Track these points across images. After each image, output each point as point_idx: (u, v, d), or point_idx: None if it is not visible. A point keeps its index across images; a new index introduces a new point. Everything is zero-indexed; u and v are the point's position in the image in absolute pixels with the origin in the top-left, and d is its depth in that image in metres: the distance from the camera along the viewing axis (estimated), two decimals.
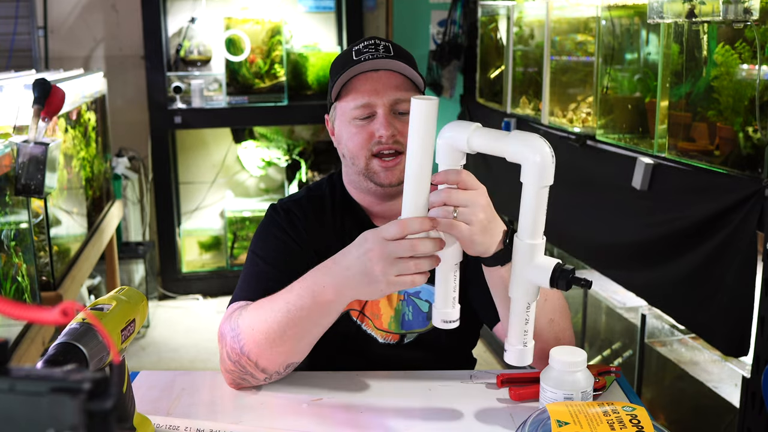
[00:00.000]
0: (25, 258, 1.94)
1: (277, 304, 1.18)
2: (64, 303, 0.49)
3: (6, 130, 2.03)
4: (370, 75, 1.31)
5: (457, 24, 3.75)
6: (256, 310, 1.21)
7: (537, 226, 1.04)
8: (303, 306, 1.15)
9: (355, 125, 1.32)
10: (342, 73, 1.30)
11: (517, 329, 1.10)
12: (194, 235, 4.34)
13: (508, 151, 1.03)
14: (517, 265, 1.07)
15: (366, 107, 1.30)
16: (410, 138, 1.05)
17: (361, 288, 1.09)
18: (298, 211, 1.40)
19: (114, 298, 1.00)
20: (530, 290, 1.07)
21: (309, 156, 4.32)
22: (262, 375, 1.24)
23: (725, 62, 1.74)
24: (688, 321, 1.93)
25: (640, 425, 0.95)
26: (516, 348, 1.11)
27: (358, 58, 1.30)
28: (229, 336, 1.22)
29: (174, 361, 3.42)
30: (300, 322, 1.16)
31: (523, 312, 1.10)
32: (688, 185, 1.87)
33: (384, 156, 1.31)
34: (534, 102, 2.90)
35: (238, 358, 1.21)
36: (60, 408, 0.43)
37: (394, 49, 1.33)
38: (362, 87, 1.30)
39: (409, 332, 1.41)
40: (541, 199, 1.03)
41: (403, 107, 1.31)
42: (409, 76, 1.33)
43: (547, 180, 1.02)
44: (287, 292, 1.18)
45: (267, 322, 1.18)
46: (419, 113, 1.03)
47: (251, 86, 4.02)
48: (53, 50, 4.04)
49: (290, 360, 1.23)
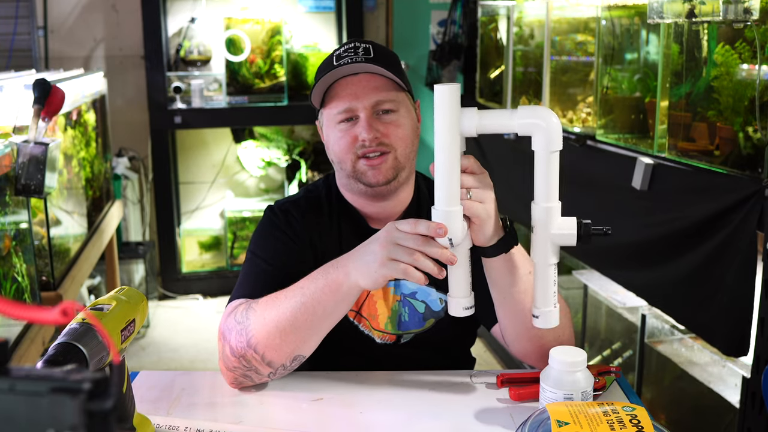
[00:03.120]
0: (25, 258, 1.94)
1: (290, 292, 1.21)
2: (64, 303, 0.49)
3: (6, 130, 2.03)
4: (350, 79, 1.32)
5: (457, 24, 3.75)
6: (268, 302, 1.23)
7: (551, 190, 1.09)
8: (316, 288, 1.19)
9: (340, 129, 1.33)
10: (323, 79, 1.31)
11: (544, 292, 1.13)
12: (194, 235, 4.34)
13: (516, 124, 1.08)
14: (538, 229, 1.11)
15: (347, 111, 1.32)
16: (437, 125, 1.07)
17: (361, 265, 1.14)
18: (296, 213, 1.40)
19: (114, 298, 1.00)
20: (553, 251, 1.12)
21: (309, 156, 4.32)
22: (267, 369, 1.24)
23: (725, 62, 1.74)
24: (688, 321, 1.93)
25: (640, 425, 0.95)
26: (545, 310, 1.14)
27: (337, 63, 1.31)
28: (234, 331, 1.23)
29: (174, 361, 3.42)
30: (312, 307, 1.18)
31: (548, 275, 1.13)
32: (688, 185, 1.87)
33: (370, 156, 1.32)
34: (534, 102, 2.90)
35: (244, 352, 1.22)
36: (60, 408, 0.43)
37: (375, 51, 1.33)
38: (342, 92, 1.32)
39: (405, 332, 1.41)
40: (553, 163, 1.08)
41: (385, 107, 1.32)
42: (388, 77, 1.33)
43: (556, 145, 1.07)
44: (303, 280, 1.22)
45: (279, 310, 1.20)
46: (443, 99, 1.06)
47: (251, 86, 4.03)
48: (53, 50, 4.04)
49: (298, 351, 1.23)
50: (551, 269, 1.13)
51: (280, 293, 1.23)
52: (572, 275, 2.69)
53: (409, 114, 1.36)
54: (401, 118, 1.34)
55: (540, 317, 1.15)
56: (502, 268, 1.21)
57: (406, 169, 1.36)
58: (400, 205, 1.42)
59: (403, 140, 1.34)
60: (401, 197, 1.41)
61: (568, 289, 2.81)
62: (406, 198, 1.42)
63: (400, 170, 1.35)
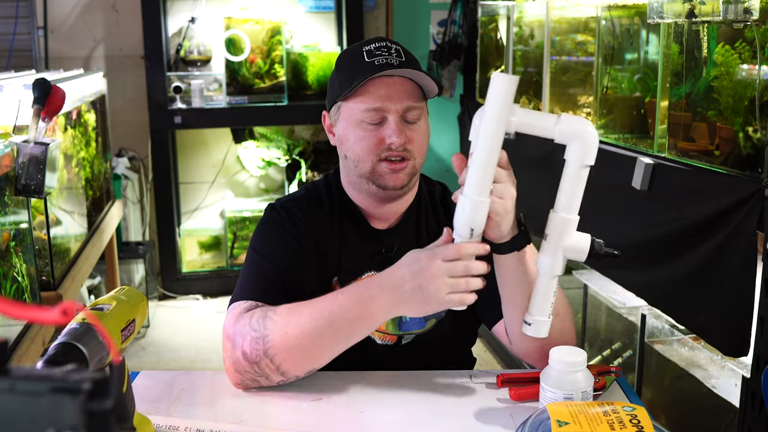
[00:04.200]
0: (25, 258, 1.94)
1: (316, 310, 1.19)
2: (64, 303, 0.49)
3: (6, 130, 2.03)
4: (385, 80, 1.29)
5: (457, 24, 3.75)
6: (291, 314, 1.20)
7: (573, 203, 1.10)
8: (348, 316, 1.17)
9: (363, 128, 1.31)
10: (353, 73, 1.29)
11: (542, 302, 1.14)
12: (194, 235, 4.34)
13: (558, 131, 1.07)
14: (552, 238, 1.11)
15: (377, 111, 1.29)
16: (488, 113, 1.05)
17: (414, 304, 1.14)
18: (297, 211, 1.39)
19: (114, 298, 1.00)
20: (561, 263, 1.12)
21: (309, 156, 4.32)
22: (278, 378, 1.23)
23: (725, 62, 1.74)
24: (688, 321, 1.92)
25: (640, 425, 0.95)
26: (539, 319, 1.14)
27: (371, 60, 1.28)
28: (249, 337, 1.21)
29: (174, 361, 3.42)
30: (340, 330, 1.18)
31: (551, 286, 1.13)
32: (688, 185, 1.87)
33: (392, 160, 1.31)
34: (534, 102, 2.90)
35: (259, 360, 1.20)
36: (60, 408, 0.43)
37: (405, 54, 1.32)
38: (376, 91, 1.29)
39: (406, 333, 1.41)
40: (581, 178, 1.09)
41: (413, 115, 1.31)
42: (419, 84, 1.32)
43: (589, 159, 1.08)
44: (329, 300, 1.19)
45: (303, 327, 1.18)
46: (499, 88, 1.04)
47: (251, 86, 4.02)
48: (53, 50, 4.04)
49: (314, 366, 1.24)
50: (555, 281, 1.13)
51: (303, 307, 1.21)
52: (572, 275, 2.69)
53: (427, 122, 1.36)
54: (423, 126, 1.34)
55: (532, 325, 1.15)
56: (513, 266, 1.21)
57: (417, 175, 1.37)
58: (403, 206, 1.42)
59: (422, 148, 1.34)
60: (405, 199, 1.42)
61: (568, 289, 2.81)
62: (409, 199, 1.43)
63: (414, 176, 1.35)
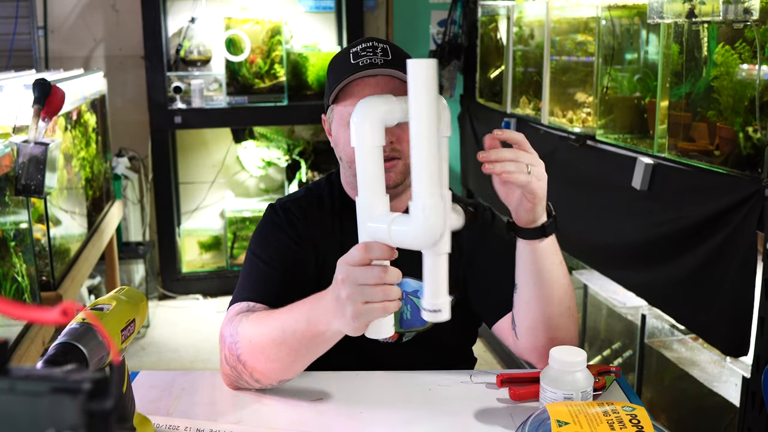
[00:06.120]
0: (25, 258, 1.94)
1: (274, 321, 1.18)
2: (64, 303, 0.49)
3: (6, 130, 2.03)
4: (369, 80, 1.30)
5: (457, 24, 3.75)
6: (256, 322, 1.21)
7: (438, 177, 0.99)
8: (297, 330, 1.14)
9: None
10: (339, 76, 1.30)
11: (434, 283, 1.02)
12: (194, 235, 4.34)
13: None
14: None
15: None
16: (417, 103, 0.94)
17: (336, 318, 1.06)
18: (297, 211, 1.39)
19: (114, 298, 1.00)
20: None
21: (309, 156, 4.32)
22: (256, 384, 1.25)
23: (725, 62, 1.74)
24: (688, 321, 1.93)
25: (640, 425, 0.95)
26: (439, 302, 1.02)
27: (356, 62, 1.29)
28: (228, 341, 1.23)
29: (174, 361, 3.42)
30: (294, 344, 1.16)
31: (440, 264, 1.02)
32: (688, 185, 1.87)
33: None
34: (534, 102, 2.90)
35: (235, 364, 1.23)
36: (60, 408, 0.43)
37: (392, 52, 1.31)
38: (361, 92, 1.29)
39: (407, 331, 1.41)
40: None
41: None
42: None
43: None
44: (285, 313, 1.17)
45: (263, 338, 1.18)
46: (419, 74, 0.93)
47: (251, 86, 4.02)
48: (53, 50, 4.04)
49: (283, 377, 1.24)
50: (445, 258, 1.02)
51: (269, 316, 1.20)
52: (572, 275, 2.69)
53: None
54: None
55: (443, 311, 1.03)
56: (544, 251, 1.21)
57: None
58: (402, 206, 1.42)
59: None
60: (404, 198, 1.41)
61: None
62: (408, 198, 1.43)
63: (406, 175, 1.35)
